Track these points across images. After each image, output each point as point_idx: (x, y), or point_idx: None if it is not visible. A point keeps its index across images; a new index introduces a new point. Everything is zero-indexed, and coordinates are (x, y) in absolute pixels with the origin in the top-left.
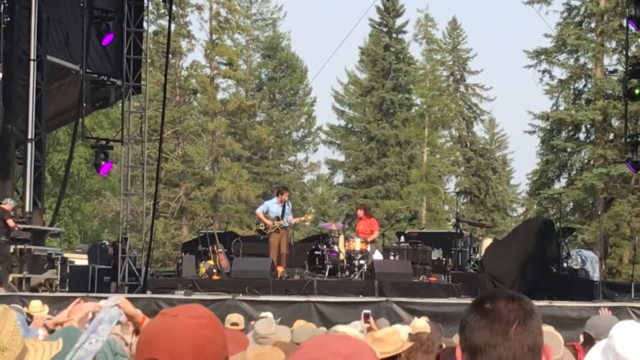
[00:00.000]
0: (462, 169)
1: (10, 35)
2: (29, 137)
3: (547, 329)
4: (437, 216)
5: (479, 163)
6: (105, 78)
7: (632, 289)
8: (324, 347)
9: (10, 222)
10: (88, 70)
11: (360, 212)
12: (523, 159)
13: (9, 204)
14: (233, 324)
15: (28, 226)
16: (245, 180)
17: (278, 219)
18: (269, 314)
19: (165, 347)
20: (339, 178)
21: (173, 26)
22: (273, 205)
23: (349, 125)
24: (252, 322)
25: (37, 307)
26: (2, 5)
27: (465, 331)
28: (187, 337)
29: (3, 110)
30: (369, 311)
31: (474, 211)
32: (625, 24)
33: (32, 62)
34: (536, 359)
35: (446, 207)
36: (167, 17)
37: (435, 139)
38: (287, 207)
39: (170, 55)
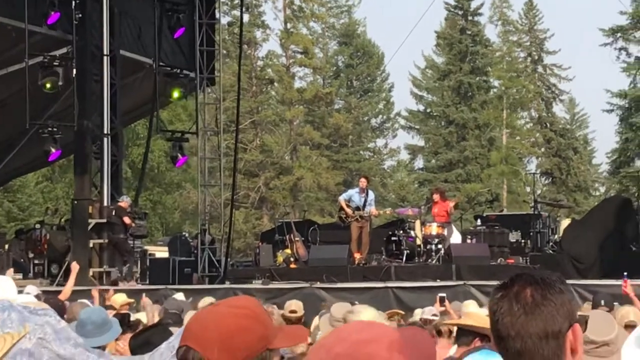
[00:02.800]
0: (543, 149)
1: (82, 32)
2: (105, 132)
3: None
4: (519, 198)
5: (560, 143)
6: (179, 71)
7: None
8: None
9: (127, 220)
10: (161, 64)
11: (436, 196)
12: (605, 137)
13: (124, 202)
14: (291, 311)
15: (142, 223)
16: (325, 168)
17: (358, 208)
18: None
19: (197, 335)
20: (419, 163)
21: (247, 17)
22: (355, 195)
23: (428, 110)
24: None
25: (120, 300)
26: (74, 2)
27: (489, 316)
28: (217, 326)
29: (78, 106)
30: (444, 294)
31: (556, 192)
32: None
33: (105, 57)
34: (554, 343)
35: (527, 189)
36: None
37: (514, 120)
38: (369, 197)
39: (245, 46)
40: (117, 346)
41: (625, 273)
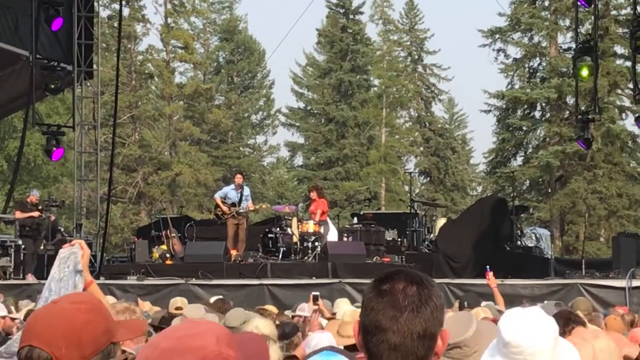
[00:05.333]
0: (421, 149)
1: None
2: None
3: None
4: (397, 197)
5: (438, 143)
6: (56, 64)
7: (583, 266)
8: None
9: (17, 214)
10: (38, 56)
11: (313, 194)
12: (483, 138)
13: (31, 197)
14: (177, 308)
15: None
16: (204, 164)
17: (234, 205)
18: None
19: (41, 333)
20: (298, 160)
21: (127, 10)
22: (230, 191)
23: (308, 107)
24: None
25: None
26: None
27: (362, 309)
28: (62, 322)
29: None
30: (317, 293)
31: (434, 191)
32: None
33: None
34: (428, 344)
35: (406, 188)
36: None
37: (393, 119)
38: (245, 192)
39: (125, 40)
40: None
41: (487, 266)
